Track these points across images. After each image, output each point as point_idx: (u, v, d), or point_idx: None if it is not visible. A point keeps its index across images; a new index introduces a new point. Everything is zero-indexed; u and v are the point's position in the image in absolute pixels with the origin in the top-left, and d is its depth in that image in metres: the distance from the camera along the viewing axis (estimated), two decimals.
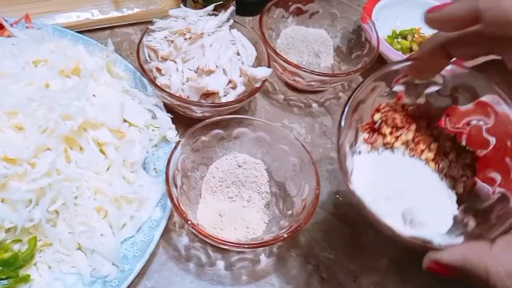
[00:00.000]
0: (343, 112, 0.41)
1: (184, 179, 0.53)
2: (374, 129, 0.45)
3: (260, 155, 0.57)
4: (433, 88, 0.44)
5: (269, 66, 0.60)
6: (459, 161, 0.45)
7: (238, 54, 0.62)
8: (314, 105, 0.69)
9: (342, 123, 0.40)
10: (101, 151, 0.51)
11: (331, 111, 0.68)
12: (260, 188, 0.56)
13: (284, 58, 0.61)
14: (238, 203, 0.55)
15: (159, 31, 0.59)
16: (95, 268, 0.47)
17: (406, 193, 0.42)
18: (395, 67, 0.43)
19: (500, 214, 0.39)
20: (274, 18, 0.69)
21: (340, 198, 0.59)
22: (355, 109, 0.42)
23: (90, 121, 0.49)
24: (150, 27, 0.59)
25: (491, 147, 0.43)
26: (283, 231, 0.49)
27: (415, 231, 0.39)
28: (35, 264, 0.47)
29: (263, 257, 0.53)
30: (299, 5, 0.71)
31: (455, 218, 0.42)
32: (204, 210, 0.53)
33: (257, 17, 0.66)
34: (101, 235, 0.47)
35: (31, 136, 0.46)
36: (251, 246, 0.47)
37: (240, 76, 0.59)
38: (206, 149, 0.56)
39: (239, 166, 0.56)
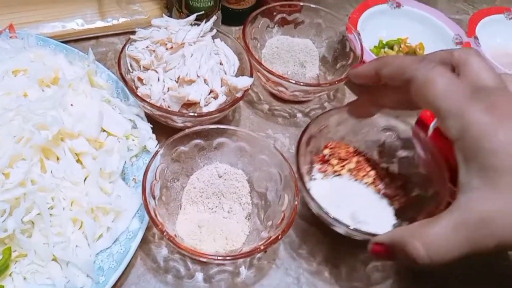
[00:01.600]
0: (298, 143, 0.52)
1: (164, 190, 0.53)
2: (325, 160, 0.58)
3: (241, 165, 0.56)
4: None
5: (251, 76, 0.60)
6: (392, 183, 0.57)
7: (221, 64, 0.62)
8: (299, 115, 0.68)
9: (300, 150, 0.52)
10: (78, 161, 0.50)
11: None
12: (241, 199, 0.55)
13: (267, 68, 0.61)
14: (218, 214, 0.54)
15: (141, 40, 0.59)
16: (69, 280, 0.46)
17: (353, 205, 0.54)
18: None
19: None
20: (258, 28, 0.69)
21: None
22: (308, 142, 0.54)
23: (66, 130, 0.49)
24: (132, 36, 0.59)
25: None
26: (262, 242, 0.48)
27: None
28: (10, 274, 0.46)
29: (243, 269, 0.53)
30: (284, 15, 0.70)
31: (394, 225, 0.53)
32: (184, 221, 0.53)
33: (249, 15, 0.66)
34: (76, 246, 0.47)
35: (5, 145, 0.45)
36: (227, 258, 0.47)
37: (221, 86, 0.59)
38: (187, 159, 0.55)
39: (220, 177, 0.56)
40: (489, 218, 0.37)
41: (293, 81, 0.61)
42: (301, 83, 0.62)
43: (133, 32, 0.61)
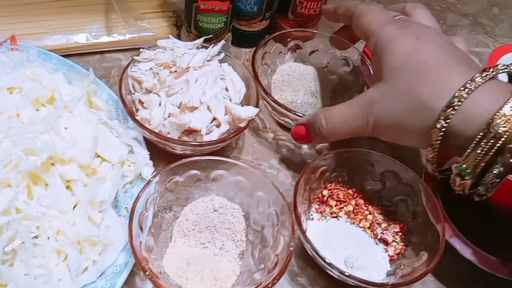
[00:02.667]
0: (296, 185, 0.52)
1: (155, 220, 0.50)
2: (323, 201, 0.57)
3: (238, 200, 0.54)
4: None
5: (257, 106, 0.57)
6: (390, 229, 0.56)
7: (226, 89, 0.59)
8: (305, 146, 0.65)
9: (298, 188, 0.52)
10: (68, 187, 0.48)
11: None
12: (236, 236, 0.53)
13: (273, 98, 0.59)
14: (209, 251, 0.51)
15: (145, 62, 0.57)
16: None
17: (349, 249, 0.53)
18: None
19: None
20: (270, 53, 0.66)
21: None
22: (307, 182, 0.54)
23: (58, 155, 0.47)
24: (135, 57, 0.57)
25: None
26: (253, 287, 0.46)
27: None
28: None
29: None
30: (299, 41, 0.68)
31: (387, 273, 0.53)
32: (172, 255, 0.50)
33: (262, 40, 0.64)
34: (59, 280, 0.45)
35: None
36: None
37: (225, 114, 0.56)
38: (182, 189, 0.53)
39: (215, 210, 0.53)
40: (374, 99, 0.47)
41: (301, 114, 0.58)
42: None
43: (140, 49, 0.59)
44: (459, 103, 0.42)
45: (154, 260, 0.48)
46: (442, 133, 0.43)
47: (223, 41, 0.60)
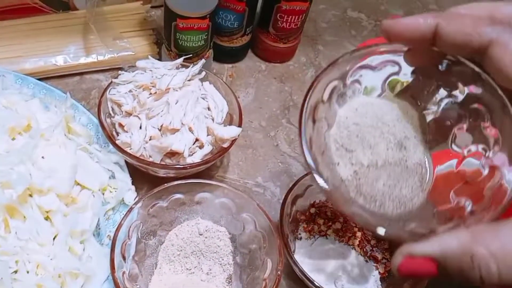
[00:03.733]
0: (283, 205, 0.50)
1: (139, 247, 0.49)
2: (310, 219, 0.56)
3: (224, 222, 0.53)
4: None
5: (240, 126, 0.56)
6: (379, 246, 0.54)
7: (209, 109, 0.58)
8: (292, 162, 0.64)
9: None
10: (47, 218, 0.47)
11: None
12: (223, 259, 0.51)
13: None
14: (196, 276, 0.50)
15: (124, 84, 0.56)
16: None
17: (337, 269, 0.52)
18: None
19: None
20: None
21: None
22: (293, 202, 0.52)
23: (35, 186, 0.45)
24: (114, 80, 0.56)
25: None
26: None
27: None
28: None
29: None
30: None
31: None
32: (158, 283, 0.49)
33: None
34: None
35: None
36: None
37: (207, 135, 0.55)
38: (166, 214, 0.52)
39: (201, 234, 0.52)
40: None
41: None
42: None
43: (120, 69, 0.57)
44: None
45: None
46: None
47: (203, 60, 0.59)
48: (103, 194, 0.52)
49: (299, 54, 0.76)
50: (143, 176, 0.56)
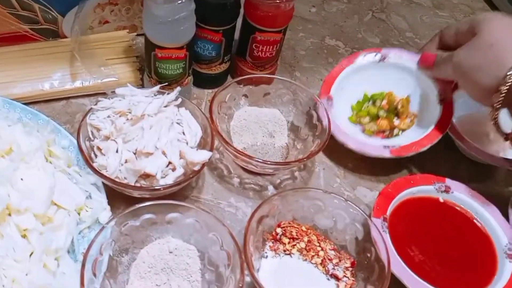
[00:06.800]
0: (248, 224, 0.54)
1: (111, 263, 0.52)
2: (276, 239, 0.58)
3: (193, 241, 0.56)
4: None
5: (211, 150, 0.60)
6: (340, 265, 0.58)
7: (184, 133, 0.62)
8: (270, 187, 0.68)
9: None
10: (24, 236, 0.50)
11: None
12: (191, 276, 0.55)
13: (235, 148, 0.62)
14: None
15: (103, 110, 0.60)
16: None
17: (300, 286, 0.56)
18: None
19: None
20: (225, 102, 0.69)
21: None
22: (259, 221, 0.55)
23: (13, 206, 0.49)
24: (93, 107, 0.60)
25: None
26: None
27: None
28: None
29: None
30: (252, 86, 0.70)
31: None
32: None
33: (216, 89, 0.66)
34: None
35: None
36: None
37: (180, 158, 0.59)
38: (138, 233, 0.55)
39: (171, 252, 0.55)
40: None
41: (261, 160, 0.61)
42: (269, 162, 0.63)
43: (104, 94, 0.61)
44: None
45: None
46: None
47: (178, 88, 0.63)
48: (79, 213, 0.55)
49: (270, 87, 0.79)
50: (120, 197, 0.59)
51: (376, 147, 0.68)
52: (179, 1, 0.59)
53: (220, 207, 0.64)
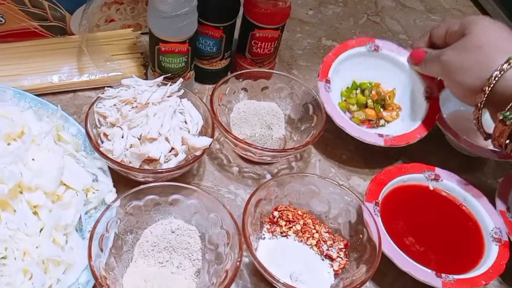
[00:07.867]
0: (246, 206, 0.57)
1: (117, 242, 0.55)
2: (273, 221, 0.62)
3: (195, 222, 0.59)
4: None
5: (212, 136, 0.63)
6: (334, 246, 0.61)
7: (186, 122, 0.65)
8: (268, 176, 0.71)
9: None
10: (35, 213, 0.53)
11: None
12: (192, 255, 0.57)
13: (235, 136, 0.65)
14: (167, 269, 0.56)
15: (109, 99, 0.63)
16: None
17: (294, 264, 0.58)
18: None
19: None
20: (226, 94, 0.72)
21: None
22: (257, 205, 0.59)
23: (25, 184, 0.52)
24: (100, 95, 0.63)
25: None
26: None
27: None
28: None
29: None
30: (251, 80, 0.74)
31: (331, 286, 0.58)
32: (132, 275, 0.55)
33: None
34: None
35: None
36: None
37: (182, 144, 0.62)
38: (142, 213, 0.58)
39: (173, 232, 0.58)
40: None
41: (260, 147, 0.65)
42: (269, 149, 0.66)
43: (110, 87, 0.65)
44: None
45: (114, 279, 0.53)
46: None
47: (181, 79, 0.66)
48: (86, 194, 0.58)
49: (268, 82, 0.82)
50: (125, 181, 0.62)
51: (371, 134, 0.70)
52: None
53: (220, 194, 0.67)
